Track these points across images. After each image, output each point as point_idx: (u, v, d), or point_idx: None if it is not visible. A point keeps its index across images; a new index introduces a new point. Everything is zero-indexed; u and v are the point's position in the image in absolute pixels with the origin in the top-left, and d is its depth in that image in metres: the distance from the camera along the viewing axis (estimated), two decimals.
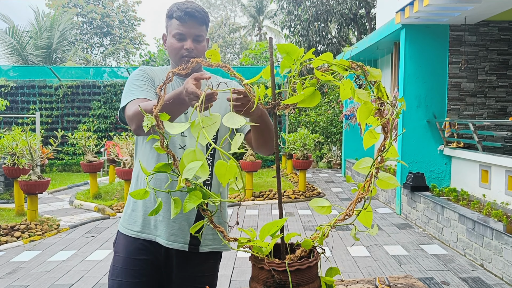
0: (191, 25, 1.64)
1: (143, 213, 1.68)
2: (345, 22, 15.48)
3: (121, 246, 1.72)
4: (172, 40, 1.67)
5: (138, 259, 1.68)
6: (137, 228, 1.69)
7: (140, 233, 1.69)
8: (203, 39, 1.70)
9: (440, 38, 6.72)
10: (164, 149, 1.17)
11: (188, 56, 1.64)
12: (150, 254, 1.69)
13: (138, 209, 1.70)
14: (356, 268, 4.38)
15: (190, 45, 1.65)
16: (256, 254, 1.11)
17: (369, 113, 1.08)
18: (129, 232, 1.70)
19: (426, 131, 6.76)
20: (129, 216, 1.72)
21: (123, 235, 1.73)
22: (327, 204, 1.15)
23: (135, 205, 1.71)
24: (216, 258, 1.79)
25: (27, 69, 13.70)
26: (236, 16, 36.31)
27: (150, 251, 1.68)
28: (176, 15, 1.64)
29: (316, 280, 1.12)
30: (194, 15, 1.64)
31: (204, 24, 1.69)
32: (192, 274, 1.71)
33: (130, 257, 1.68)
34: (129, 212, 1.73)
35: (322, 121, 12.93)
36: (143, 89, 1.63)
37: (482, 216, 4.72)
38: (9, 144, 6.32)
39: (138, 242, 1.69)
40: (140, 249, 1.68)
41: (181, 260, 1.70)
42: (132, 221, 1.71)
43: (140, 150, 1.75)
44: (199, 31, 1.67)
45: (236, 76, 1.19)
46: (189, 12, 1.63)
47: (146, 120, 1.13)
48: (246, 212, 7.07)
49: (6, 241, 5.29)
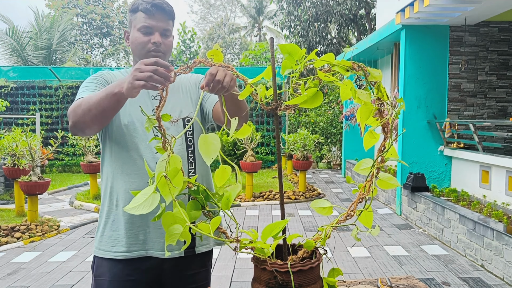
0: (159, 18, 1.54)
1: (127, 230, 1.53)
2: (345, 23, 15.48)
3: (104, 269, 1.55)
4: (137, 34, 1.54)
5: (126, 280, 1.54)
6: (123, 249, 1.53)
7: (127, 253, 1.53)
8: (170, 34, 1.59)
9: (440, 38, 6.72)
10: (165, 150, 1.17)
11: (156, 51, 1.53)
12: (139, 273, 1.55)
13: (120, 227, 1.54)
14: (357, 268, 4.37)
15: (158, 38, 1.54)
16: (258, 255, 1.11)
17: (369, 114, 1.09)
18: (113, 255, 1.54)
19: (426, 132, 6.77)
20: (108, 237, 1.55)
21: (105, 259, 1.56)
22: (328, 205, 1.15)
23: (115, 224, 1.55)
24: (209, 256, 1.72)
25: (27, 70, 13.70)
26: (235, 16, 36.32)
27: (139, 270, 1.55)
28: (142, 7, 1.53)
29: (318, 281, 1.12)
30: (163, 7, 1.54)
31: (172, 19, 1.60)
32: (186, 279, 1.63)
33: (117, 279, 1.54)
34: (108, 234, 1.56)
35: (322, 121, 12.93)
36: (92, 90, 1.51)
37: (482, 217, 4.72)
38: (9, 145, 6.32)
39: (124, 262, 1.55)
40: (127, 271, 1.54)
41: (175, 268, 1.60)
42: (114, 242, 1.54)
43: (112, 154, 1.59)
44: (166, 25, 1.56)
45: (239, 76, 1.19)
46: (157, 4, 1.53)
47: (147, 122, 1.13)
48: (246, 212, 7.07)
49: (6, 242, 5.29)
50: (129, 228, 1.53)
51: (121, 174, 1.55)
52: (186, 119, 1.58)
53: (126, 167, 1.55)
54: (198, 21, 35.59)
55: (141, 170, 1.54)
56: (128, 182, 1.54)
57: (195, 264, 1.64)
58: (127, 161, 1.55)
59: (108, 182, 1.58)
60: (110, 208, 1.57)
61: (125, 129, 1.55)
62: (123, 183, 1.55)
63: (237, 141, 8.49)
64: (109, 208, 1.57)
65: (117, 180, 1.56)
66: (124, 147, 1.55)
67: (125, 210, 0.98)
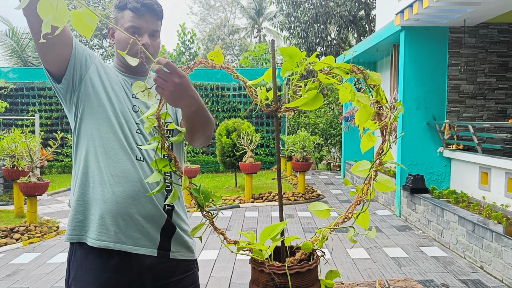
0: (148, 19, 1.49)
1: (115, 219, 1.44)
2: (345, 24, 15.50)
3: (85, 284, 1.44)
4: (124, 35, 1.48)
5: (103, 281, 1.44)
6: (112, 239, 1.44)
7: (116, 244, 1.43)
8: (158, 35, 1.55)
9: (439, 40, 6.73)
10: (166, 150, 1.17)
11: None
12: (121, 286, 1.46)
13: (108, 213, 1.44)
14: (356, 270, 4.37)
15: (147, 40, 1.49)
16: (256, 257, 1.11)
17: (368, 117, 1.09)
18: (103, 244, 1.43)
19: (425, 133, 6.77)
20: (100, 224, 1.44)
21: (94, 251, 1.45)
22: (325, 207, 1.16)
23: (105, 208, 1.44)
24: (193, 267, 1.63)
25: (26, 71, 13.70)
26: (235, 18, 36.32)
27: (122, 282, 1.45)
28: (131, 6, 1.47)
29: (316, 283, 1.12)
30: (153, 7, 1.49)
31: (161, 19, 1.55)
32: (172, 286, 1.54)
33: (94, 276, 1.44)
34: (97, 220, 1.44)
35: (322, 123, 12.94)
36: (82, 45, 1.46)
37: (482, 218, 4.72)
38: (8, 146, 6.32)
39: (109, 263, 1.45)
40: (111, 280, 1.45)
41: (157, 280, 1.50)
42: (104, 229, 1.44)
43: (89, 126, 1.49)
44: (155, 26, 1.52)
45: (239, 78, 1.19)
46: (147, 4, 1.48)
47: (147, 122, 1.13)
48: (245, 214, 7.06)
49: (5, 243, 5.28)
50: (116, 215, 1.45)
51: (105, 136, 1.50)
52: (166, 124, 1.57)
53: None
54: (198, 22, 35.60)
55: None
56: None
57: (178, 270, 1.56)
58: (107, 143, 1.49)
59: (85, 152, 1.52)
60: (86, 188, 1.49)
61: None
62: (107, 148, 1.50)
63: (236, 142, 8.49)
64: (85, 187, 1.49)
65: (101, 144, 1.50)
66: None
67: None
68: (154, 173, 1.15)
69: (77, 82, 1.48)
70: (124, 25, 1.49)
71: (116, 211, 1.44)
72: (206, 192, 1.17)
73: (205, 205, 1.18)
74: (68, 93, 1.49)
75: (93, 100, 1.48)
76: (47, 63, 1.41)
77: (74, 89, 1.49)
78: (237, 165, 8.73)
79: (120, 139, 1.48)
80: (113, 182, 1.45)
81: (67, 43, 1.39)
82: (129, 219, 1.45)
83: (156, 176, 1.14)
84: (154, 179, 1.14)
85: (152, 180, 1.14)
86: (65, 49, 1.40)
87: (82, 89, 1.49)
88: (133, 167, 1.47)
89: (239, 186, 9.17)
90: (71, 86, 1.48)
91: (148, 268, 1.48)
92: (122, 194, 1.44)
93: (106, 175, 1.45)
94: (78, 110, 1.50)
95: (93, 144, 1.47)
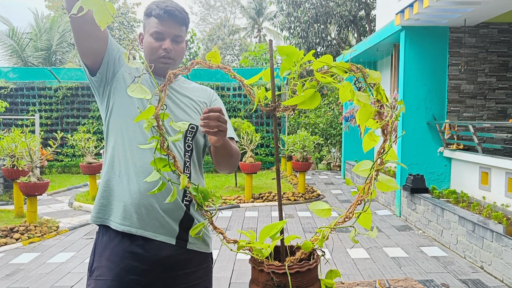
0: (170, 25, 1.58)
1: (138, 207, 1.53)
2: (345, 24, 15.49)
3: (105, 269, 1.53)
4: (150, 39, 1.59)
5: (128, 279, 1.52)
6: (134, 225, 1.53)
7: (138, 229, 1.53)
8: (182, 40, 1.63)
9: (440, 40, 6.72)
10: (165, 150, 1.17)
11: (166, 57, 1.58)
12: (140, 275, 1.54)
13: (131, 202, 1.53)
14: (356, 270, 4.37)
15: (169, 45, 1.58)
16: (256, 256, 1.11)
17: (369, 116, 1.08)
18: (126, 229, 1.53)
19: (426, 133, 6.77)
20: (123, 211, 1.54)
21: (118, 237, 1.55)
22: (326, 207, 1.15)
23: (129, 196, 1.54)
24: (207, 261, 1.70)
25: (26, 71, 13.70)
26: (235, 17, 36.34)
27: (140, 269, 1.53)
28: (155, 13, 1.57)
29: (316, 283, 1.12)
30: (175, 14, 1.57)
31: (184, 25, 1.63)
32: (187, 285, 1.61)
33: (117, 279, 1.52)
34: (121, 207, 1.54)
35: (322, 122, 12.93)
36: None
37: (482, 218, 4.71)
38: (8, 146, 6.31)
39: (129, 250, 1.53)
40: (129, 269, 1.52)
41: (172, 271, 1.58)
42: (128, 215, 1.53)
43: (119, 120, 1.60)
44: (178, 31, 1.60)
45: (236, 77, 1.19)
46: (169, 10, 1.56)
47: (146, 122, 1.13)
48: (245, 214, 7.06)
49: (5, 242, 5.28)
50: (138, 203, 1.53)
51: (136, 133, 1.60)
52: (190, 125, 1.62)
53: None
54: (198, 22, 35.64)
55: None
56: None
57: (195, 273, 1.63)
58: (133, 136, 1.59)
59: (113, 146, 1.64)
60: (112, 173, 1.59)
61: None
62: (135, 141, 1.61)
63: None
64: (111, 174, 1.59)
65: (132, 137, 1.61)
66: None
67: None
68: (153, 172, 1.15)
69: (110, 77, 1.60)
70: (149, 30, 1.60)
71: (139, 200, 1.52)
72: (205, 191, 1.17)
73: (204, 205, 1.17)
74: (101, 87, 1.62)
75: (124, 95, 1.59)
76: (83, 56, 1.53)
77: (107, 83, 1.61)
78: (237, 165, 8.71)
79: (145, 134, 1.56)
80: (137, 173, 1.53)
81: (102, 37, 1.51)
82: (151, 208, 1.53)
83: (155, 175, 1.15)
84: (151, 178, 1.15)
85: (150, 180, 1.17)
86: (100, 42, 1.51)
87: (114, 84, 1.60)
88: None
89: (239, 186, 9.17)
90: (104, 80, 1.60)
91: (166, 257, 1.55)
92: (145, 185, 1.52)
93: (132, 166, 1.55)
94: (109, 103, 1.62)
95: (121, 136, 1.58)
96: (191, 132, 1.63)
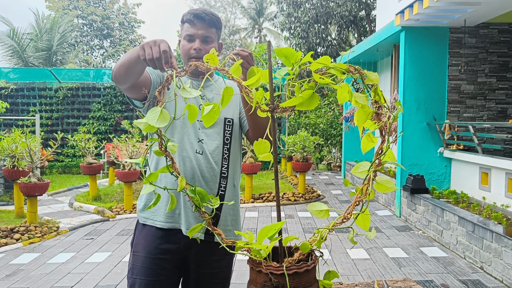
0: (198, 26, 1.75)
1: (166, 204, 1.73)
2: (345, 24, 15.49)
3: (141, 247, 1.78)
4: (183, 42, 1.79)
5: (158, 258, 1.74)
6: (161, 218, 1.76)
7: (165, 223, 1.75)
8: (211, 40, 1.78)
9: (440, 40, 6.72)
10: (163, 152, 1.17)
11: (197, 56, 1.73)
12: (169, 254, 1.75)
13: (163, 200, 1.76)
14: (356, 270, 4.37)
15: (198, 45, 1.74)
16: (254, 257, 1.11)
17: (367, 117, 1.09)
18: (154, 223, 1.76)
19: (426, 134, 6.76)
20: (154, 208, 1.77)
21: (146, 227, 1.78)
22: (324, 208, 1.15)
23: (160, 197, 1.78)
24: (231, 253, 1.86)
25: (27, 71, 13.72)
26: (236, 18, 36.34)
27: (169, 250, 1.74)
28: (186, 18, 1.78)
29: (314, 283, 1.12)
30: (201, 16, 1.75)
31: (214, 27, 1.79)
32: (210, 270, 1.79)
33: (150, 256, 1.74)
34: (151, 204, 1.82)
35: (322, 123, 12.93)
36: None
37: (482, 219, 4.71)
38: (9, 146, 6.32)
39: (159, 237, 1.75)
40: (160, 249, 1.74)
41: (199, 256, 1.76)
42: (157, 212, 1.77)
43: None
44: (207, 32, 1.76)
45: (234, 79, 1.19)
46: (197, 14, 1.76)
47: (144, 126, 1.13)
48: (245, 214, 7.06)
49: (5, 243, 5.29)
50: (167, 202, 1.71)
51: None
52: (227, 119, 1.82)
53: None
54: None
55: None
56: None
57: (219, 261, 1.81)
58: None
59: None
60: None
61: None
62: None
63: None
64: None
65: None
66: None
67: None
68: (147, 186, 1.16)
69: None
70: (183, 35, 1.80)
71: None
72: (203, 193, 1.17)
73: (201, 206, 1.17)
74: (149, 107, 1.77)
75: (170, 103, 1.73)
76: (132, 98, 1.75)
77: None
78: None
79: (188, 133, 1.76)
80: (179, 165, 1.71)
81: (147, 81, 1.72)
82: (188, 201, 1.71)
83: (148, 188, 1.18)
84: (145, 191, 1.19)
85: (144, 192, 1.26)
86: (144, 84, 1.70)
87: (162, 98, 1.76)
88: (194, 157, 1.75)
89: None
90: (152, 104, 1.77)
91: (194, 243, 1.71)
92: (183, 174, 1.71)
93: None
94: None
95: (170, 133, 1.77)
96: (229, 126, 1.82)
